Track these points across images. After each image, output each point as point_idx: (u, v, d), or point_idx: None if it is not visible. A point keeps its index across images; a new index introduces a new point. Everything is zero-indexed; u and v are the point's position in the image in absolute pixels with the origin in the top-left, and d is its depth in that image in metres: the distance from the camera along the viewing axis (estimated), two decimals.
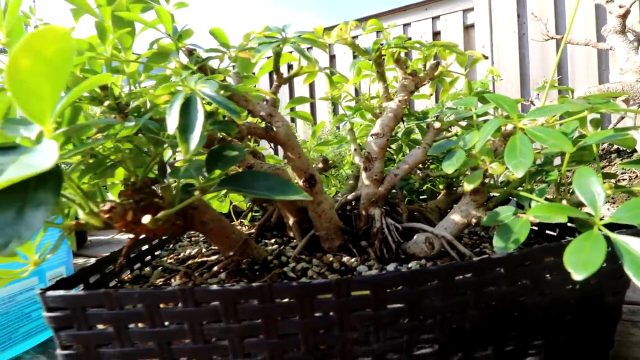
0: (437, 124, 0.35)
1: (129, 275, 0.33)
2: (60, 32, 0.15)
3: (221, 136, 0.29)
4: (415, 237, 0.31)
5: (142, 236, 0.26)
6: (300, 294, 0.21)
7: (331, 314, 0.22)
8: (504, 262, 0.23)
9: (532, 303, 0.25)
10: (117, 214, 0.21)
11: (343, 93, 0.40)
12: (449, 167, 0.25)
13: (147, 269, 0.34)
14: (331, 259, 0.30)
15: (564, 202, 0.27)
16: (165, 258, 0.36)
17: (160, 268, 0.33)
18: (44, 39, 0.15)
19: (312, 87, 2.23)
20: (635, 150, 0.63)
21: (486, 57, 0.38)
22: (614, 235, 0.18)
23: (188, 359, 0.22)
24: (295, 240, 0.35)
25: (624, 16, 0.65)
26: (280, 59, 0.30)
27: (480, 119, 0.34)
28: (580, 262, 0.17)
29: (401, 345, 0.23)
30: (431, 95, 0.41)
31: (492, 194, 0.33)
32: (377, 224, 0.32)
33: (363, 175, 0.35)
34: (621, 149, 0.73)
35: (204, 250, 0.37)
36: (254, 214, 0.47)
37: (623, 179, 0.63)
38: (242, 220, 0.48)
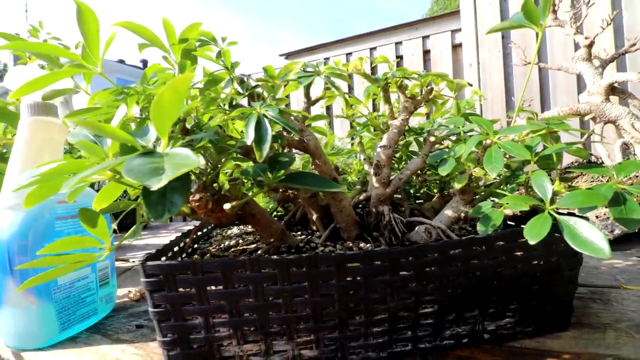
0: (432, 138, 0.43)
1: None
2: (190, 77, 0.23)
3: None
4: (416, 228, 0.39)
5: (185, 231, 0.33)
6: (337, 262, 0.29)
7: (358, 278, 0.30)
8: (485, 240, 0.31)
9: (507, 274, 0.33)
10: (202, 203, 0.28)
11: (354, 112, 0.48)
12: (443, 171, 0.33)
13: (196, 256, 0.41)
14: (351, 244, 0.38)
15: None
16: (210, 248, 0.43)
17: (208, 254, 0.40)
18: (181, 80, 0.23)
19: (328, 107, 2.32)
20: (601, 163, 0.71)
21: (470, 85, 0.46)
22: (558, 216, 0.26)
23: (250, 314, 0.30)
24: (318, 232, 0.43)
25: (590, 46, 0.76)
26: (310, 86, 0.38)
27: (468, 133, 0.43)
28: (534, 232, 0.25)
29: (410, 304, 0.31)
30: (426, 114, 0.50)
31: (476, 195, 0.41)
32: (387, 217, 0.40)
33: (373, 179, 0.43)
34: (592, 160, 0.82)
35: (240, 241, 0.44)
36: (277, 213, 0.54)
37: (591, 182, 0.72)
38: None
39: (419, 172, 0.46)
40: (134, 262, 0.84)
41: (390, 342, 0.32)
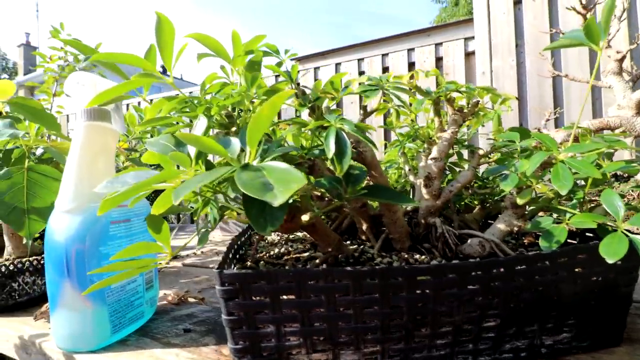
0: (481, 151, 0.44)
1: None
2: (288, 93, 0.24)
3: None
4: (469, 240, 0.40)
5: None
6: (408, 275, 0.29)
7: (427, 291, 0.30)
8: (550, 257, 0.32)
9: (567, 290, 0.33)
10: None
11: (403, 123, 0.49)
12: (506, 186, 0.34)
13: (248, 263, 0.41)
14: (406, 256, 0.38)
15: None
16: (260, 255, 0.44)
17: (262, 262, 0.41)
18: (280, 96, 0.23)
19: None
20: (631, 176, 0.72)
21: (518, 99, 0.47)
22: (632, 235, 0.27)
23: (320, 323, 0.30)
24: (368, 243, 0.43)
25: (621, 60, 0.76)
26: (365, 99, 0.39)
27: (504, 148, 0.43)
28: (611, 251, 0.26)
29: (474, 318, 0.32)
30: (475, 126, 0.51)
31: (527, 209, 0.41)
32: (439, 229, 0.40)
33: (423, 190, 0.43)
34: (619, 174, 0.83)
35: (290, 249, 0.44)
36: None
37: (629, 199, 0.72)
38: None
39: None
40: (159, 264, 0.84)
41: (452, 355, 0.33)
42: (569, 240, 0.47)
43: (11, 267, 0.58)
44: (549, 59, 0.98)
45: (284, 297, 0.30)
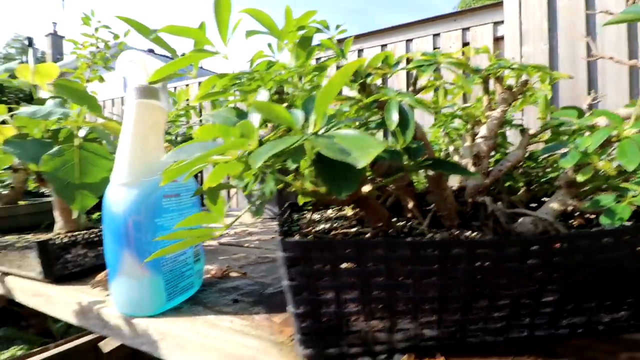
0: (531, 131, 0.43)
1: None
2: (359, 61, 0.24)
3: None
4: (520, 219, 0.39)
5: None
6: (468, 247, 0.30)
7: (487, 264, 0.30)
8: (613, 233, 0.31)
9: (628, 268, 0.33)
10: None
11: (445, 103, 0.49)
12: (566, 163, 0.33)
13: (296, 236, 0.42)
14: (457, 232, 0.38)
15: None
16: (309, 230, 0.45)
17: (311, 237, 0.41)
18: (350, 66, 0.24)
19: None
20: None
21: (571, 77, 0.46)
22: None
23: (379, 292, 0.31)
24: (415, 220, 0.44)
25: None
26: (419, 76, 0.39)
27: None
28: None
29: (532, 292, 0.32)
30: (521, 107, 0.50)
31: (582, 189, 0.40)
32: (490, 207, 0.40)
33: (472, 169, 0.43)
34: None
35: (335, 225, 0.45)
36: None
37: None
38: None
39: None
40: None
41: (508, 328, 0.33)
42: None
43: (65, 240, 0.61)
44: (588, 42, 0.94)
45: (344, 265, 0.31)
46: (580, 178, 0.34)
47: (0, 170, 0.79)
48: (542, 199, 0.48)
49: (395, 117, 0.27)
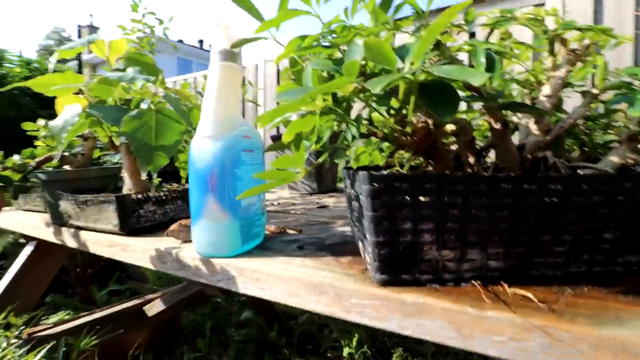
0: (595, 90, 0.45)
1: None
2: (464, 4, 0.27)
3: None
4: (580, 171, 0.42)
5: None
6: (540, 182, 0.33)
7: (555, 199, 0.33)
8: None
9: None
10: (426, 125, 0.33)
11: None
12: (634, 112, 0.35)
13: None
14: None
15: None
16: None
17: None
18: (454, 9, 0.27)
19: None
20: None
21: (634, 40, 0.47)
22: None
23: (453, 224, 0.34)
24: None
25: None
26: (492, 34, 0.41)
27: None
28: None
29: (595, 228, 0.34)
30: (581, 72, 0.51)
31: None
32: (551, 161, 0.42)
33: (533, 127, 0.45)
34: None
35: None
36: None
37: None
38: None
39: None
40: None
41: (568, 263, 0.36)
42: None
43: (140, 197, 0.68)
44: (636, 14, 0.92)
45: (422, 198, 0.34)
46: None
47: (74, 137, 0.86)
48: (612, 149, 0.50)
49: (483, 59, 0.31)
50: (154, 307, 1.33)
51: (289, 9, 0.40)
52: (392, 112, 0.36)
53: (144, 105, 0.75)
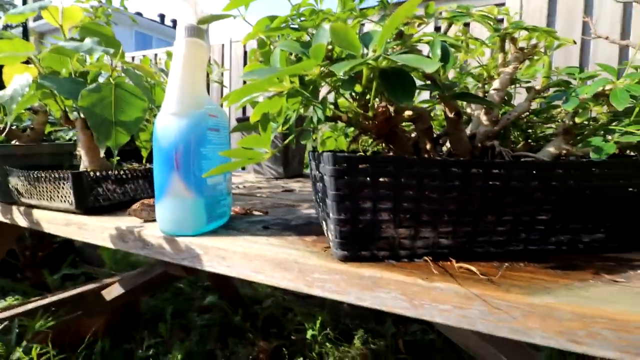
0: (537, 86, 0.49)
1: None
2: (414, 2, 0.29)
3: None
4: (522, 160, 0.46)
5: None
6: (485, 167, 0.36)
7: (497, 183, 0.37)
8: (600, 164, 0.38)
9: (609, 196, 0.40)
10: (386, 110, 0.35)
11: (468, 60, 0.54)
12: (568, 107, 0.40)
13: None
14: None
15: None
16: None
17: None
18: (413, 2, 0.29)
19: None
20: None
21: (575, 43, 0.52)
22: None
23: (408, 203, 0.37)
24: None
25: None
26: (450, 27, 0.44)
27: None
28: None
29: (531, 210, 0.39)
30: (529, 70, 0.56)
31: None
32: (497, 149, 0.46)
33: (483, 118, 0.49)
34: None
35: None
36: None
37: None
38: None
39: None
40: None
41: (508, 241, 0.40)
42: None
43: (98, 174, 0.65)
44: (590, 23, 1.00)
45: (382, 179, 0.37)
46: (578, 119, 0.40)
47: (23, 109, 0.81)
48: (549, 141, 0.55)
49: (438, 52, 0.33)
50: (112, 291, 1.29)
51: None
52: (356, 96, 0.37)
53: (101, 79, 0.71)
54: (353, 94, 0.38)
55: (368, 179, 0.36)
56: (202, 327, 1.50)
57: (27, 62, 0.72)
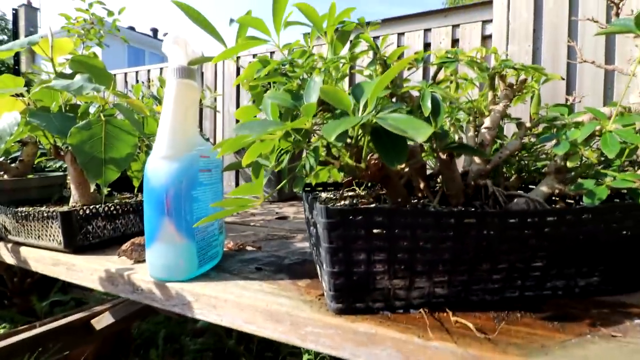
0: (528, 124, 0.50)
1: None
2: (408, 59, 0.29)
3: None
4: (515, 200, 0.46)
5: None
6: (479, 216, 0.36)
7: (491, 232, 0.37)
8: (593, 210, 0.38)
9: (602, 240, 0.40)
10: (378, 162, 0.35)
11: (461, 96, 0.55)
12: (559, 150, 0.40)
13: None
14: (462, 209, 0.45)
15: None
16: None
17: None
18: (403, 62, 0.29)
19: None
20: None
21: (563, 79, 0.52)
22: None
23: (403, 254, 0.37)
24: (425, 199, 0.50)
25: None
26: (440, 71, 0.44)
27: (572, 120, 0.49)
28: None
29: (526, 258, 0.38)
30: (516, 103, 0.56)
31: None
32: (490, 189, 0.46)
33: (476, 157, 0.49)
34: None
35: (353, 202, 0.51)
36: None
37: None
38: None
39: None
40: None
41: (504, 289, 0.40)
42: None
43: (87, 212, 0.64)
44: (572, 46, 1.02)
45: (375, 230, 0.36)
46: (569, 164, 0.41)
47: (12, 143, 0.79)
48: (530, 186, 0.55)
49: (429, 104, 0.33)
50: (102, 320, 1.26)
51: (248, 37, 0.40)
52: (348, 146, 0.37)
53: (92, 109, 0.71)
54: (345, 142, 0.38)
55: (362, 231, 0.36)
56: (195, 351, 1.46)
57: (18, 95, 0.71)
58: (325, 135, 0.26)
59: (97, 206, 0.66)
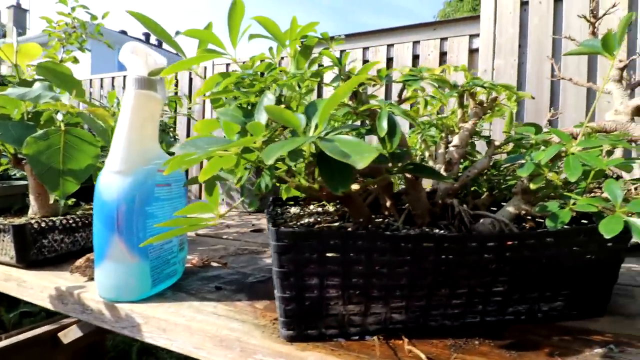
0: (497, 142, 0.49)
1: None
2: (361, 77, 0.27)
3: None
4: (481, 220, 0.45)
5: None
6: (437, 241, 0.34)
7: (450, 257, 0.35)
8: (555, 234, 0.37)
9: (566, 264, 0.39)
10: None
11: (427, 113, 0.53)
12: (523, 173, 0.39)
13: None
14: (427, 230, 0.43)
15: None
16: (291, 224, 0.48)
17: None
18: (355, 80, 0.27)
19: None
20: (620, 176, 0.78)
21: (533, 97, 0.52)
22: (627, 217, 0.32)
23: (358, 279, 0.35)
24: (391, 218, 0.48)
25: (622, 69, 0.82)
26: (405, 89, 0.43)
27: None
28: (608, 229, 0.31)
29: (486, 282, 0.37)
30: (489, 120, 0.55)
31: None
32: (457, 209, 0.45)
33: (444, 174, 0.48)
34: (619, 174, 0.88)
35: (318, 219, 0.49)
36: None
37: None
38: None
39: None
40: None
41: (464, 314, 0.38)
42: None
43: (43, 225, 0.61)
44: (551, 63, 1.03)
45: (329, 254, 0.34)
46: (532, 186, 0.40)
47: None
48: (502, 203, 0.54)
49: (385, 125, 0.31)
50: (70, 334, 1.21)
51: (207, 50, 0.39)
52: (302, 166, 0.36)
53: (60, 117, 0.68)
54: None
55: (315, 254, 0.34)
56: None
57: None
58: (264, 159, 0.25)
59: (54, 218, 0.63)
